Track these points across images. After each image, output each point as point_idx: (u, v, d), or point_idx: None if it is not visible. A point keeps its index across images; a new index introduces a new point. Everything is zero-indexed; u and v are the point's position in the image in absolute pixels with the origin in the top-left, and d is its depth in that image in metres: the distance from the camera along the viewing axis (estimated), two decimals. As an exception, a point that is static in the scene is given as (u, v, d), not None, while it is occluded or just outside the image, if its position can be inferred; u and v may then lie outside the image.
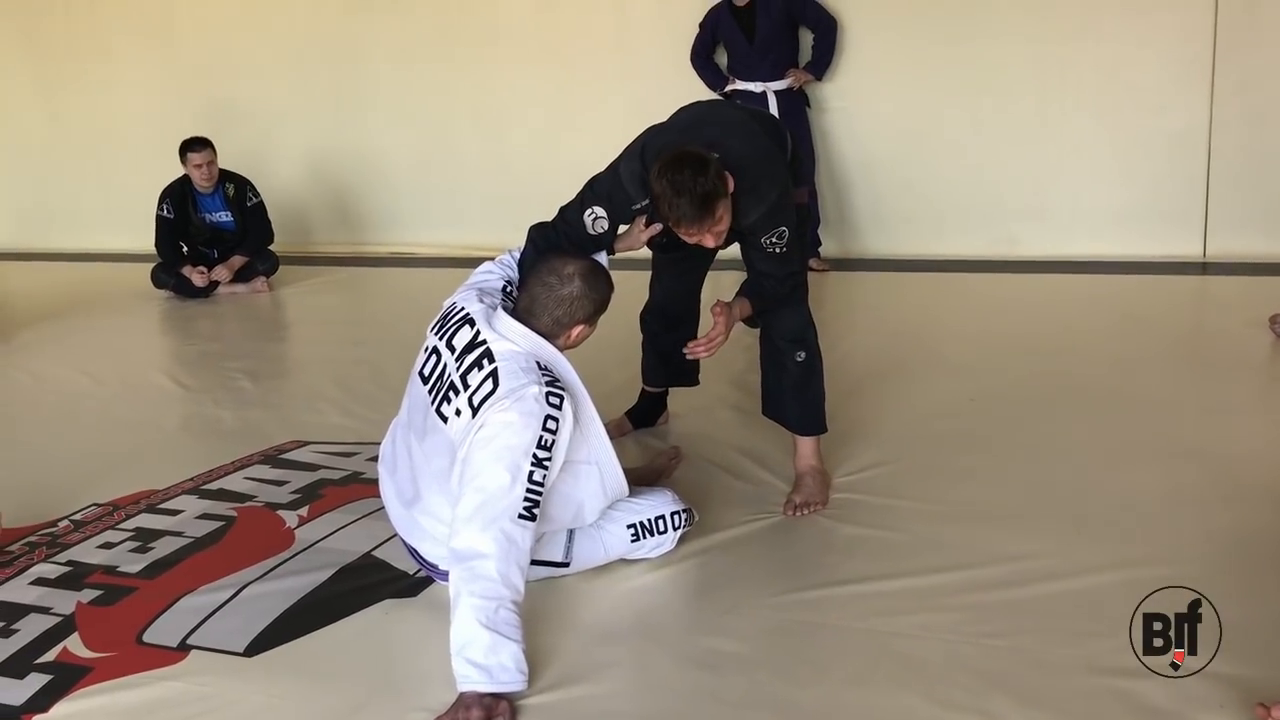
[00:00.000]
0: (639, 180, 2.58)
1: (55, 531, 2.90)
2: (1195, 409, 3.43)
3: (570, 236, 2.66)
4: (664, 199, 2.41)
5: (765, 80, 5.60)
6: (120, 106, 7.52)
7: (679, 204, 2.39)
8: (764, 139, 2.67)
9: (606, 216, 2.65)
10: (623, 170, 2.63)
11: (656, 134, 2.67)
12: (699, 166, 2.39)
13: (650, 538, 2.50)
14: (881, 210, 5.95)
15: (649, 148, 2.61)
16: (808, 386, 2.90)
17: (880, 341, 4.34)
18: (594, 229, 2.65)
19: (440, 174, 6.82)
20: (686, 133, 2.63)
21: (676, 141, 2.54)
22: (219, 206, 6.00)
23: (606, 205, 2.64)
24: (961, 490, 2.89)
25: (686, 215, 2.41)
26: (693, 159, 2.40)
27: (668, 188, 2.39)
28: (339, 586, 2.53)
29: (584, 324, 2.42)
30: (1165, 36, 5.34)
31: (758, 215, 2.58)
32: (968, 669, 2.08)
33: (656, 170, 2.42)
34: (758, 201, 2.56)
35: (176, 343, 5.37)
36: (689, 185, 2.37)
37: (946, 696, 2.00)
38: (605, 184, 2.66)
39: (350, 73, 6.89)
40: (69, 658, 2.29)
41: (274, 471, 3.26)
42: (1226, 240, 5.42)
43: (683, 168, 2.38)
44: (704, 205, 2.40)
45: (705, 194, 2.39)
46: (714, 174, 2.40)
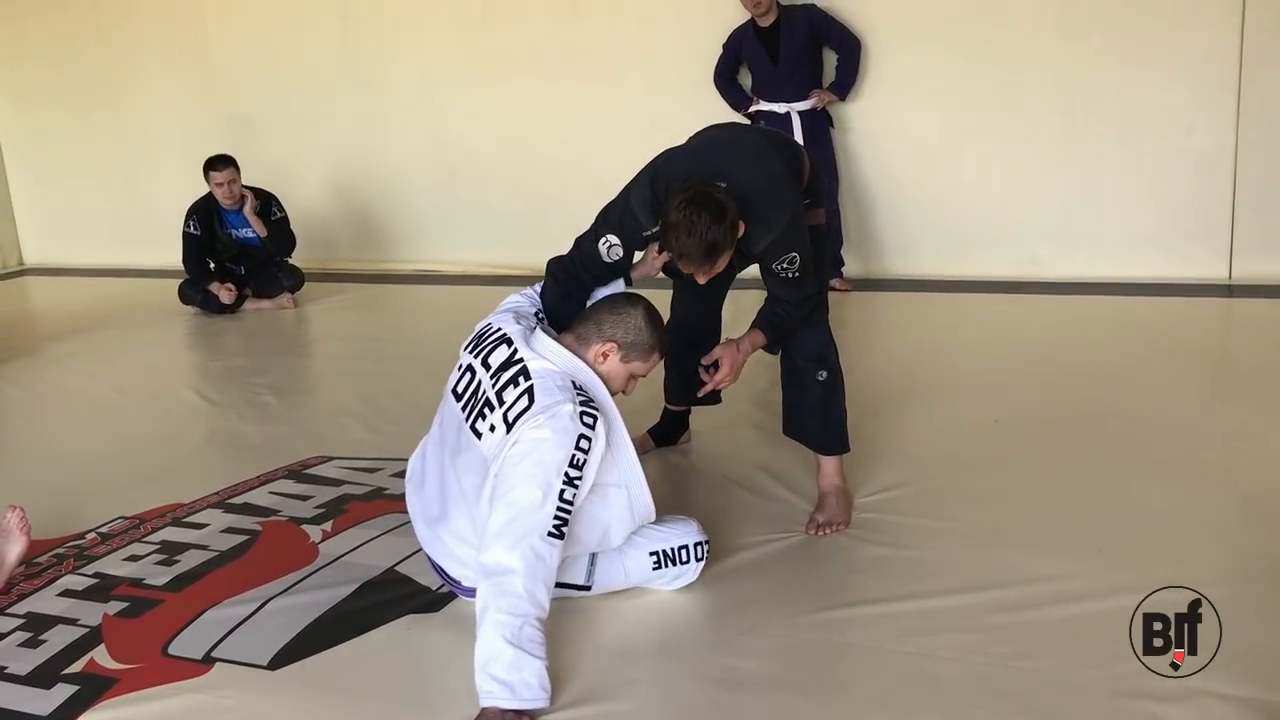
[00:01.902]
0: (649, 207, 2.61)
1: (82, 544, 2.92)
2: (1220, 432, 3.41)
3: (587, 267, 2.69)
4: (675, 232, 2.45)
5: (789, 101, 5.62)
6: (149, 123, 7.61)
7: (687, 244, 2.45)
8: (775, 163, 2.67)
9: (620, 244, 2.68)
10: (633, 198, 2.66)
11: (667, 161, 2.70)
12: (717, 213, 2.42)
13: (672, 567, 2.49)
14: (904, 230, 5.95)
15: (659, 175, 2.63)
16: (829, 405, 2.91)
17: (903, 362, 4.33)
18: (609, 256, 2.68)
19: (465, 192, 6.86)
20: (696, 159, 2.65)
21: (687, 169, 2.58)
22: (244, 223, 6.05)
23: (618, 232, 2.67)
24: (985, 511, 2.88)
25: (689, 255, 2.47)
26: (713, 204, 2.43)
27: (682, 224, 2.43)
28: (362, 601, 2.54)
29: (617, 345, 2.43)
30: (1191, 58, 5.32)
31: (766, 243, 2.60)
32: (990, 690, 2.08)
33: (678, 202, 2.45)
34: (765, 231, 2.58)
35: (202, 358, 5.42)
36: (702, 230, 2.42)
37: (968, 717, 1.99)
38: (616, 211, 2.69)
39: (376, 90, 6.95)
40: (95, 669, 2.31)
41: (298, 486, 3.28)
42: (1252, 262, 5.39)
43: (701, 211, 2.42)
44: (709, 254, 2.46)
45: (713, 244, 2.44)
46: (728, 225, 2.44)
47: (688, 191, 2.45)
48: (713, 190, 2.46)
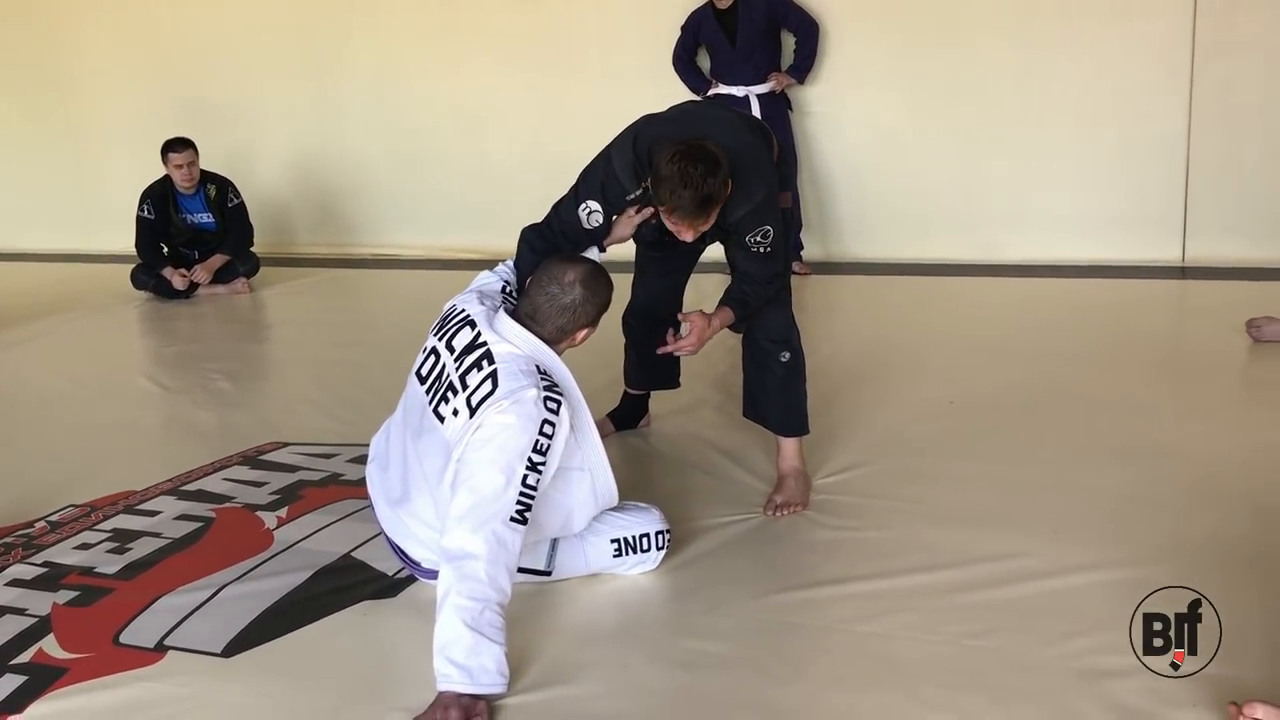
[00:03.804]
0: (632, 170, 2.59)
1: (31, 533, 2.88)
2: (1173, 412, 3.45)
3: (566, 234, 2.67)
4: (669, 184, 2.41)
5: (747, 84, 5.62)
6: (101, 107, 7.48)
7: (682, 195, 2.41)
8: (752, 138, 2.68)
9: (601, 210, 2.65)
10: (615, 161, 2.63)
11: (649, 123, 2.68)
12: (712, 165, 2.41)
13: (633, 555, 2.49)
14: (863, 214, 5.97)
15: (642, 137, 2.61)
16: (791, 387, 2.91)
17: (862, 345, 4.35)
18: (589, 223, 2.66)
19: (423, 176, 6.80)
20: (677, 125, 2.63)
21: (670, 133, 2.55)
22: (200, 208, 5.97)
23: (600, 198, 2.64)
24: (941, 492, 2.90)
25: (683, 207, 2.44)
26: (709, 156, 2.41)
27: (676, 175, 2.40)
28: (318, 587, 2.52)
29: (588, 328, 2.43)
30: (1145, 44, 5.38)
31: (744, 212, 2.59)
32: (946, 668, 2.09)
33: (671, 155, 2.42)
34: (745, 199, 2.57)
35: (156, 344, 5.35)
36: (698, 181, 2.39)
37: (925, 695, 2.01)
38: (598, 175, 2.66)
39: (333, 74, 6.87)
40: (44, 659, 2.27)
41: (253, 473, 3.25)
42: (1205, 245, 5.46)
43: (697, 162, 2.39)
44: (703, 205, 2.44)
45: (708, 195, 2.42)
46: (722, 178, 2.43)
47: (680, 145, 2.43)
48: (706, 143, 2.44)
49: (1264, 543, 2.51)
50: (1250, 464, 2.98)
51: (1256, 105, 5.30)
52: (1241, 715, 1.80)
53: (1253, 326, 4.05)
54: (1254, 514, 2.67)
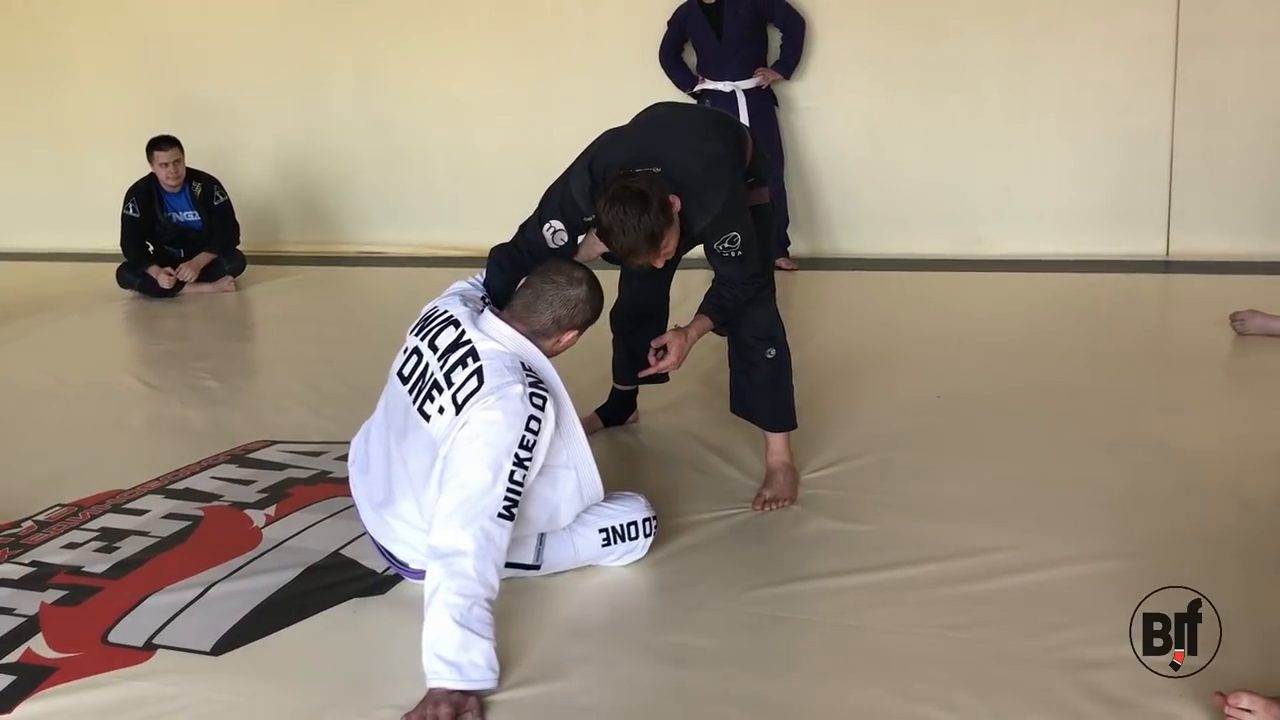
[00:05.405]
0: (588, 194, 2.60)
1: (19, 532, 2.87)
2: (1157, 405, 3.47)
3: (533, 253, 2.67)
4: (611, 233, 2.45)
5: (734, 79, 5.62)
6: (84, 104, 7.44)
7: (623, 240, 2.44)
8: (714, 144, 2.67)
9: (565, 229, 2.66)
10: (573, 184, 2.64)
11: (604, 146, 2.68)
12: (641, 205, 2.41)
13: (621, 543, 2.50)
14: (849, 209, 5.99)
15: (597, 161, 2.63)
16: (777, 383, 2.92)
17: (847, 339, 4.36)
18: (554, 242, 2.67)
19: (408, 173, 6.80)
20: (633, 145, 2.65)
21: (621, 157, 2.57)
22: (185, 206, 5.95)
23: (560, 218, 2.66)
24: (928, 485, 2.91)
25: (633, 250, 2.46)
26: (634, 196, 2.41)
27: (615, 223, 2.42)
28: (306, 585, 2.52)
29: (577, 331, 2.44)
30: (1129, 38, 5.41)
31: (705, 224, 2.59)
32: (933, 661, 2.10)
33: (602, 204, 2.45)
34: (703, 213, 2.57)
35: (142, 342, 5.33)
36: (633, 224, 2.41)
37: (911, 689, 2.02)
38: (557, 196, 2.68)
39: (318, 71, 6.86)
40: (33, 658, 2.26)
41: (241, 471, 3.24)
42: (1189, 239, 5.49)
43: (625, 205, 2.41)
44: (651, 241, 2.45)
45: (650, 232, 2.43)
46: (655, 210, 2.42)
47: (608, 191, 2.45)
48: (629, 182, 2.45)
49: (1249, 534, 2.53)
50: (1235, 456, 2.99)
51: (1240, 99, 5.33)
52: (1227, 704, 1.81)
53: (1236, 320, 4.08)
54: (1239, 505, 2.69)
